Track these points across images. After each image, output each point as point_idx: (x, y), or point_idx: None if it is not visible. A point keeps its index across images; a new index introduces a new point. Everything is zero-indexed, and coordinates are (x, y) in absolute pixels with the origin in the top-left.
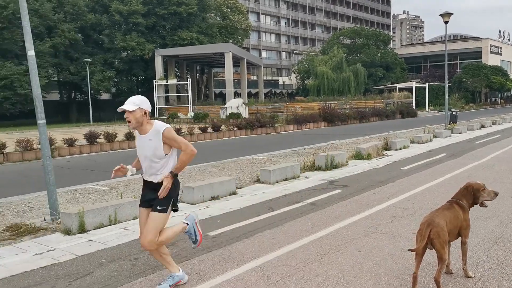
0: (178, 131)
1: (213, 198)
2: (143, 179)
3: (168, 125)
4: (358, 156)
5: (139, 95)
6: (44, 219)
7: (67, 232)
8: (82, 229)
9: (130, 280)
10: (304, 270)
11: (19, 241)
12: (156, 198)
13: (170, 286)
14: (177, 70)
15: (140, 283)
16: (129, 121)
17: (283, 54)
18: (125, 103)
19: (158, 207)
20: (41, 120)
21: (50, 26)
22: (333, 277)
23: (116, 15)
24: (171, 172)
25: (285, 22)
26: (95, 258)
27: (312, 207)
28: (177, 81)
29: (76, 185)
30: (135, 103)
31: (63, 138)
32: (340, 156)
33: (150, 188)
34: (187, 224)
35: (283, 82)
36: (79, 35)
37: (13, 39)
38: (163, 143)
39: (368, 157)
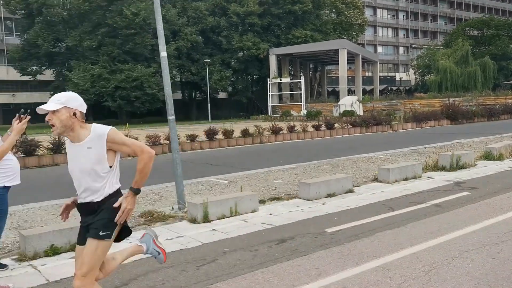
0: (291, 128)
1: (329, 195)
2: (77, 204)
3: (112, 127)
4: (488, 156)
5: (69, 92)
6: (172, 208)
7: (193, 220)
8: (206, 219)
9: (252, 270)
10: (431, 274)
11: (152, 226)
12: (96, 221)
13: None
14: (290, 68)
15: (261, 273)
16: (52, 125)
17: (401, 49)
18: (49, 101)
19: (100, 232)
20: (171, 116)
21: (174, 30)
22: (464, 284)
23: (233, 17)
24: (132, 188)
25: (403, 15)
26: (219, 247)
27: (436, 208)
28: (291, 79)
29: (199, 178)
30: (59, 101)
31: (185, 134)
32: (467, 156)
33: (88, 212)
34: (143, 246)
35: (400, 78)
36: (200, 37)
37: (143, 43)
38: (108, 149)
39: (500, 158)
